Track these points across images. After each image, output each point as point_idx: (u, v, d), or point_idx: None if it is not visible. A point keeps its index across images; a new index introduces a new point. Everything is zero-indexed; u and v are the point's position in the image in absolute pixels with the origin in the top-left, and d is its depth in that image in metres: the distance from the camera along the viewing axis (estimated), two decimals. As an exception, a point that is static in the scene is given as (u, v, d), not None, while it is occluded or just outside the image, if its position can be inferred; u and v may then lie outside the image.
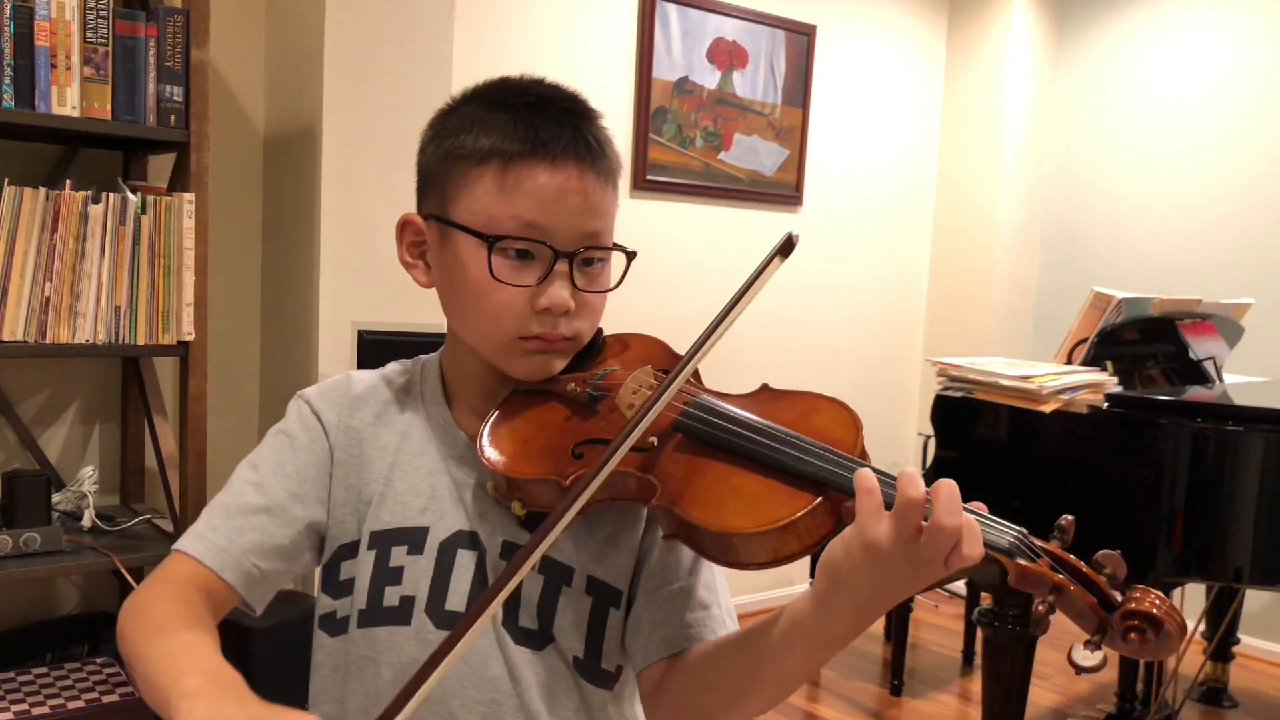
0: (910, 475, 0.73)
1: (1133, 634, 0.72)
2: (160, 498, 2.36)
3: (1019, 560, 0.74)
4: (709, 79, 3.71)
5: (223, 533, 0.93)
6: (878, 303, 4.41)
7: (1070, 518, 0.77)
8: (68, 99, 2.00)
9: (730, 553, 0.80)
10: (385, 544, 0.96)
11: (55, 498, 2.17)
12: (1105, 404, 2.27)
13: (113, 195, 2.05)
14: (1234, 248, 3.94)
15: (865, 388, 4.30)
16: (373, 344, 2.23)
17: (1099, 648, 0.73)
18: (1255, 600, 3.76)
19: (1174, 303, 2.73)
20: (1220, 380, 2.82)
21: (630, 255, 0.97)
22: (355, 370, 1.07)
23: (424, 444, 0.99)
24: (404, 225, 1.00)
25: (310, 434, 1.00)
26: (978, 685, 2.86)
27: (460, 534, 0.96)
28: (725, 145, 3.79)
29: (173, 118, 2.12)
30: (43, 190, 1.98)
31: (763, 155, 3.90)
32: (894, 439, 4.44)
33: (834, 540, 0.78)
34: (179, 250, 2.12)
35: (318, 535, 0.99)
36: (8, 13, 1.92)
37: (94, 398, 2.43)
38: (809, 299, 4.10)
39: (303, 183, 2.52)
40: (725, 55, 3.74)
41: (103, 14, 2.02)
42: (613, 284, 0.98)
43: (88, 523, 2.18)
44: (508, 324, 0.93)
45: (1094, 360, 2.52)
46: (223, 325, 2.51)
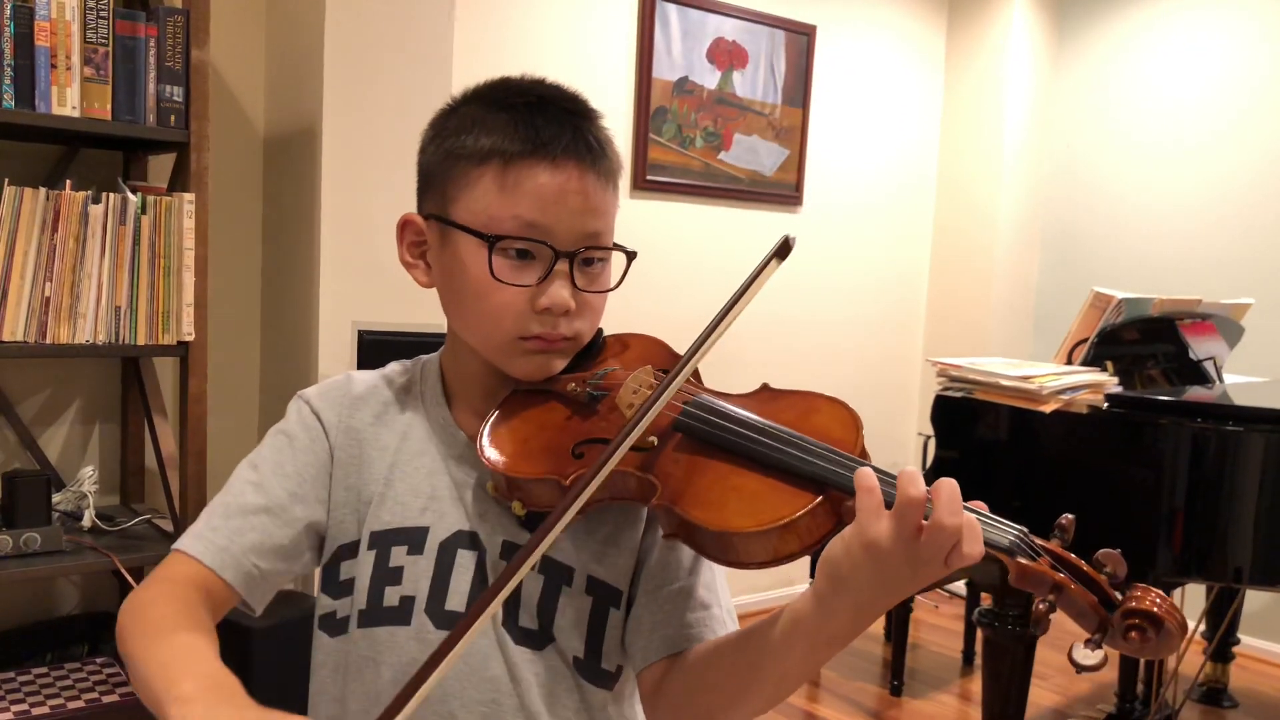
0: (911, 474, 0.73)
1: (1133, 632, 0.72)
2: (160, 498, 2.36)
3: (1019, 559, 0.74)
4: (709, 79, 3.71)
5: (223, 532, 0.93)
6: (878, 303, 4.41)
7: (1070, 516, 0.77)
8: (68, 99, 2.00)
9: (730, 552, 0.80)
10: (385, 544, 0.96)
11: (55, 498, 2.17)
12: (1105, 404, 2.27)
13: (113, 195, 2.05)
14: (1234, 248, 3.94)
15: (865, 388, 4.30)
16: (373, 344, 2.23)
17: (1100, 646, 0.73)
18: (1255, 600, 3.75)
19: (1174, 303, 2.73)
20: (1220, 380, 2.82)
21: (630, 255, 0.97)
22: (355, 370, 1.07)
23: (424, 444, 0.99)
24: (404, 225, 1.00)
25: (310, 434, 1.00)
26: (978, 685, 2.86)
27: (460, 534, 0.95)
28: (725, 145, 3.79)
29: (173, 118, 2.12)
30: (43, 190, 1.98)
31: (763, 155, 3.90)
32: (894, 439, 4.44)
33: (834, 539, 0.78)
34: (179, 250, 2.12)
35: (317, 535, 0.99)
36: (8, 13, 1.92)
37: (94, 398, 2.43)
38: (809, 299, 4.10)
39: (303, 183, 2.52)
40: (725, 55, 3.74)
41: (103, 14, 2.02)
42: (613, 284, 0.98)
43: (88, 523, 2.19)
44: (508, 324, 0.93)
45: (1094, 360, 2.51)
46: (223, 325, 2.51)
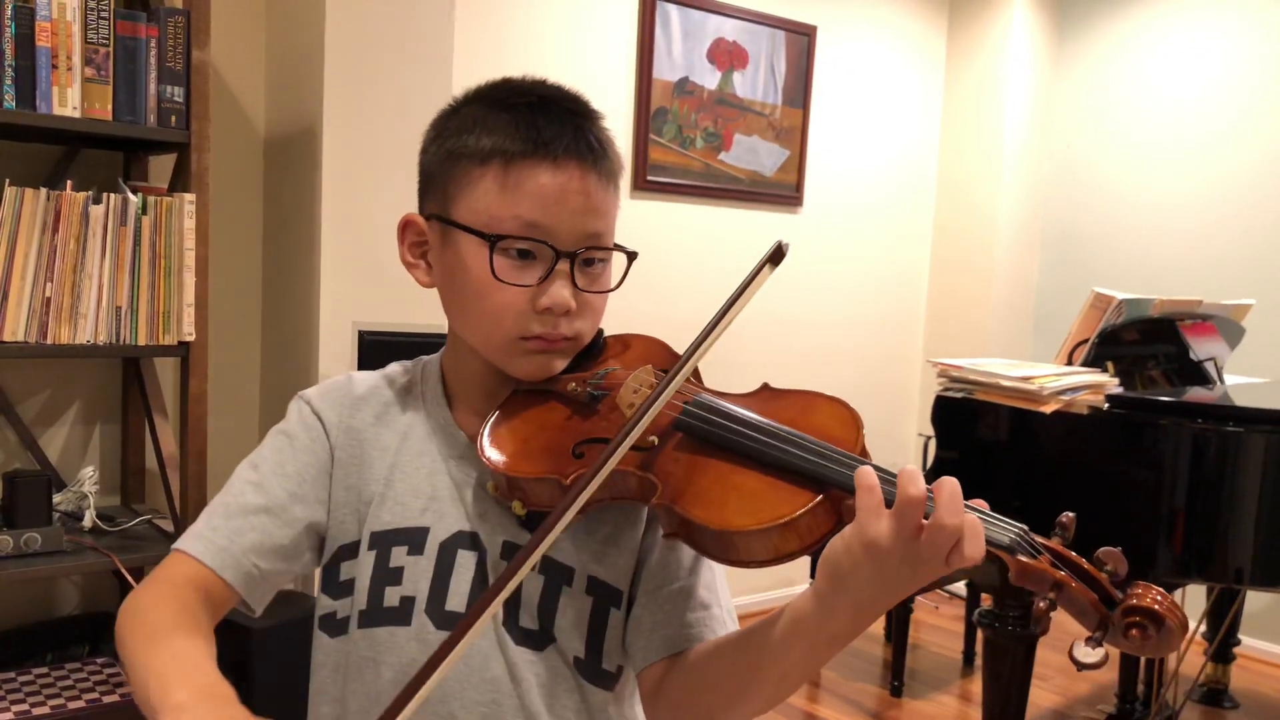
0: (911, 473, 0.73)
1: (1134, 630, 0.72)
2: (161, 498, 2.36)
3: (1020, 557, 0.74)
4: (709, 79, 3.71)
5: (223, 532, 0.93)
6: (878, 303, 4.41)
7: (1071, 515, 0.77)
8: (69, 99, 2.00)
9: (731, 551, 0.80)
10: (385, 544, 0.96)
11: (56, 498, 2.17)
12: (1106, 405, 2.27)
13: (113, 196, 2.05)
14: (1234, 248, 3.94)
15: (865, 388, 4.30)
16: (373, 344, 2.23)
17: (1100, 644, 0.73)
18: (1256, 601, 3.75)
19: (1174, 304, 2.73)
20: (1221, 381, 2.82)
21: (631, 256, 0.97)
22: (356, 371, 1.07)
23: (424, 444, 0.99)
24: (405, 225, 1.00)
25: (311, 434, 1.00)
26: (978, 686, 2.86)
27: (460, 534, 0.95)
28: (725, 146, 3.79)
29: (173, 118, 2.12)
30: (44, 191, 1.98)
31: (763, 156, 3.90)
32: (894, 440, 4.43)
33: (835, 538, 0.78)
34: (180, 251, 2.12)
35: (318, 535, 0.99)
36: (9, 13, 1.92)
37: (95, 398, 2.43)
38: (809, 299, 4.10)
39: (303, 183, 2.52)
40: (725, 56, 3.74)
41: (104, 15, 2.03)
42: (614, 285, 0.98)
43: (88, 523, 2.18)
44: (509, 324, 0.93)
45: (1095, 361, 2.51)
46: (223, 326, 2.51)
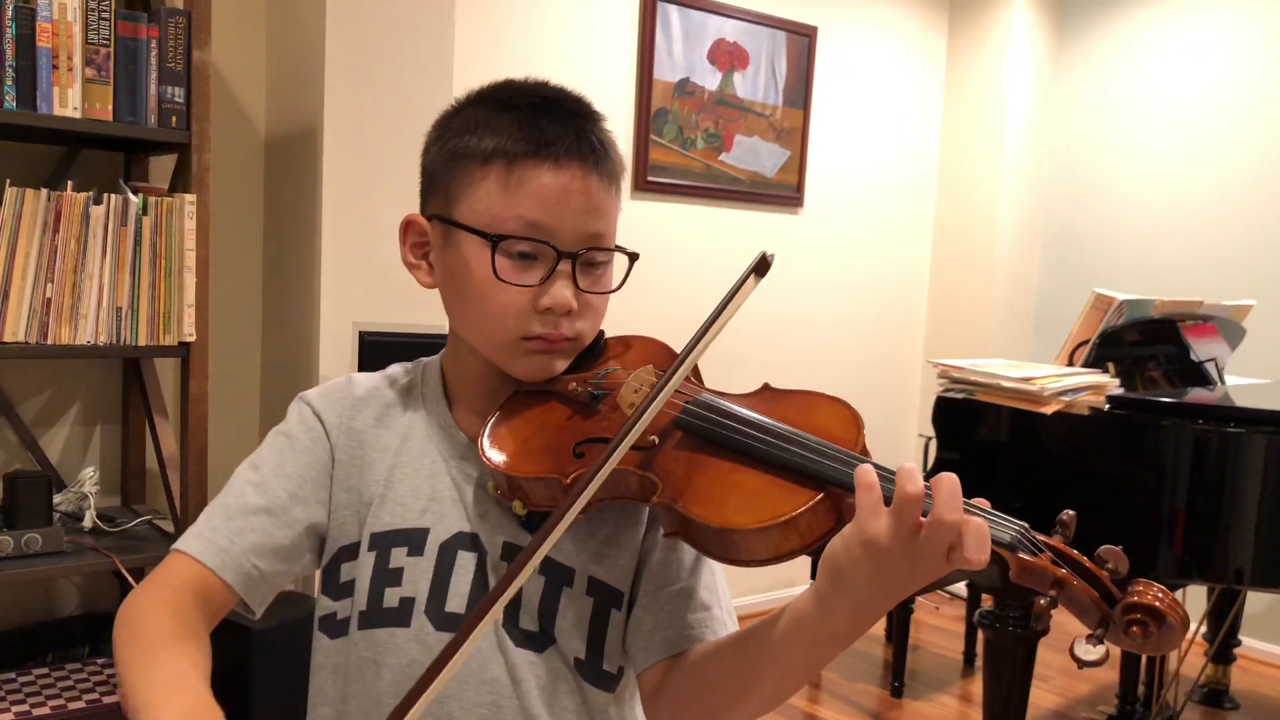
0: (909, 471, 0.73)
1: (1135, 627, 0.72)
2: (161, 499, 2.36)
3: (1021, 554, 0.74)
4: (710, 80, 3.71)
5: (223, 533, 0.93)
6: (878, 303, 4.41)
7: (1071, 513, 0.76)
8: (69, 100, 2.00)
9: (731, 550, 0.80)
10: (385, 545, 0.96)
11: (56, 498, 2.17)
12: (1107, 406, 2.27)
13: (114, 196, 2.05)
14: (1235, 249, 3.94)
15: (866, 388, 4.30)
16: (374, 345, 2.23)
17: (1101, 642, 0.72)
18: (1257, 602, 3.75)
19: (1175, 304, 2.72)
20: (1222, 382, 2.82)
21: (633, 257, 0.97)
22: (357, 372, 1.07)
23: (425, 445, 0.99)
24: (407, 226, 1.00)
25: (311, 435, 1.00)
26: (979, 687, 2.85)
27: (461, 535, 0.95)
28: (726, 146, 3.79)
29: (174, 119, 2.12)
30: (44, 191, 1.98)
31: (764, 156, 3.90)
32: (894, 440, 4.43)
33: (835, 537, 0.78)
34: (180, 251, 2.12)
35: (318, 537, 0.99)
36: (9, 14, 1.92)
37: (95, 399, 2.43)
38: (809, 299, 4.10)
39: (304, 184, 2.52)
40: (726, 56, 3.74)
41: (104, 15, 2.03)
42: (615, 285, 0.98)
43: (89, 523, 2.18)
44: (510, 324, 0.93)
45: (1096, 362, 2.51)
46: (224, 326, 2.51)
